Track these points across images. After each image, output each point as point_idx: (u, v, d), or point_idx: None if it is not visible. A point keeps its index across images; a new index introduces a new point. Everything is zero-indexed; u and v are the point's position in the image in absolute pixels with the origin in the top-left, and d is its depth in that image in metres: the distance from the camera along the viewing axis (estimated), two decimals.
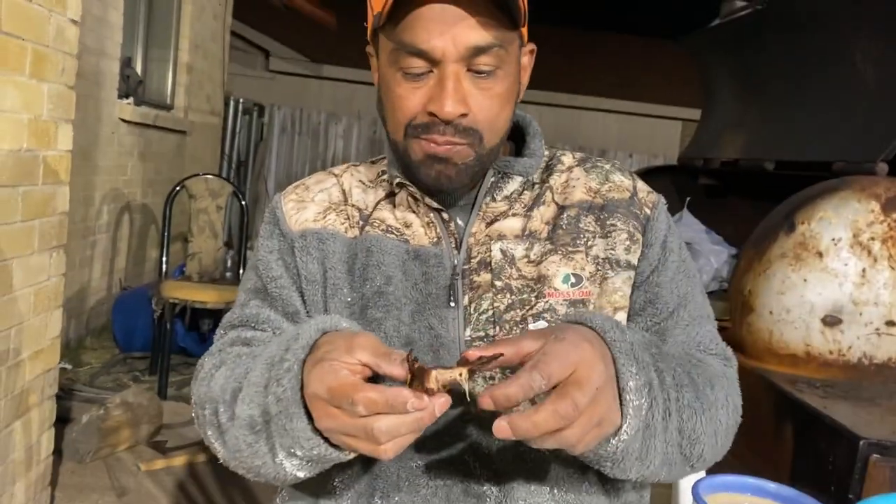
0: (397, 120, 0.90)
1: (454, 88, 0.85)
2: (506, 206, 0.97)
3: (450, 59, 0.84)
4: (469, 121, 0.87)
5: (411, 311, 0.93)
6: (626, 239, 0.96)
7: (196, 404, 0.93)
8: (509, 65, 0.88)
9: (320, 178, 1.05)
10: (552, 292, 0.92)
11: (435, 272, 0.93)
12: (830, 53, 2.54)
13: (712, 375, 0.90)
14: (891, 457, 1.48)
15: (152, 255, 5.44)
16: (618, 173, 1.01)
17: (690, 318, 0.97)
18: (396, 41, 0.86)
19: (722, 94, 3.43)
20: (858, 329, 1.92)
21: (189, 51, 6.01)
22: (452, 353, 0.91)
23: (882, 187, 1.99)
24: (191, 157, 6.25)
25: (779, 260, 1.99)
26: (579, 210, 0.96)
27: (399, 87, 0.88)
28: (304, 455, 0.79)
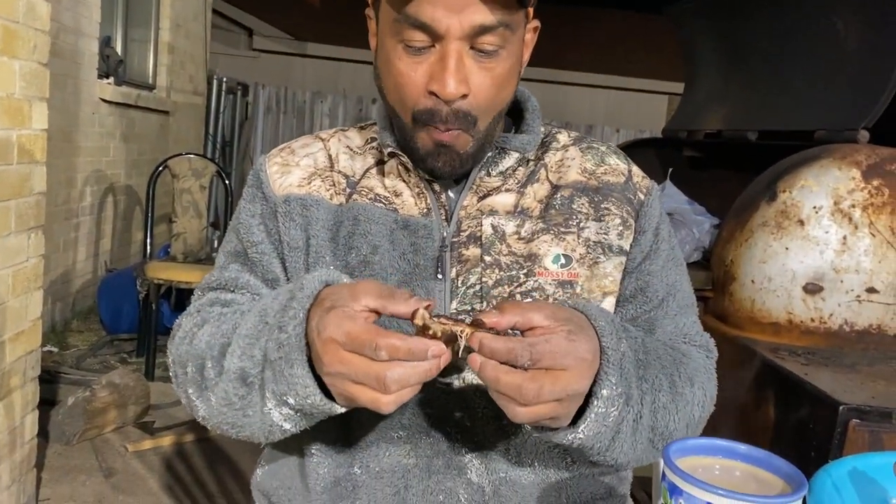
0: (401, 101, 0.87)
1: (456, 68, 0.82)
2: (499, 182, 0.95)
3: (453, 36, 0.81)
4: (468, 103, 0.85)
5: (397, 282, 0.92)
6: (620, 224, 0.95)
7: (175, 363, 0.92)
8: (513, 44, 0.86)
9: (307, 141, 1.03)
10: (542, 271, 0.92)
11: (423, 243, 0.92)
12: (812, 22, 2.53)
13: (693, 371, 0.91)
14: (870, 421, 1.49)
15: (137, 236, 5.41)
16: (613, 156, 1.00)
17: (678, 308, 0.98)
18: (400, 11, 0.82)
19: (705, 65, 3.42)
20: (839, 296, 1.93)
21: (170, 30, 5.94)
22: None
23: (863, 155, 1.99)
24: (174, 138, 6.20)
25: (760, 229, 1.99)
26: (573, 191, 0.95)
27: (400, 62, 0.85)
28: (296, 403, 0.78)
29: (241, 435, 0.87)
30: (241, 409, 0.83)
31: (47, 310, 4.17)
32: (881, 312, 1.93)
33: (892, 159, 1.98)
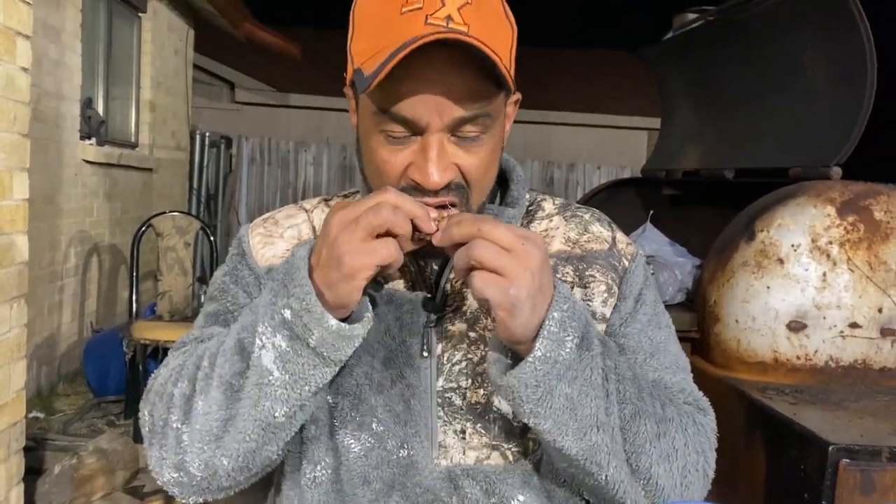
0: (381, 184, 0.86)
1: (439, 157, 0.82)
2: None
3: (434, 129, 0.82)
4: (459, 180, 0.85)
5: (383, 357, 0.91)
6: (605, 291, 0.94)
7: (153, 399, 0.87)
8: (495, 127, 0.87)
9: (290, 212, 1.02)
10: None
11: (409, 318, 0.91)
12: (782, 62, 2.58)
13: (667, 403, 0.88)
14: (860, 461, 1.48)
15: (123, 295, 5.38)
16: (597, 223, 1.00)
17: (661, 367, 0.94)
18: (379, 106, 0.83)
19: (680, 105, 3.48)
20: (823, 333, 1.94)
21: (151, 88, 5.99)
22: (424, 403, 0.90)
23: (837, 191, 2.02)
24: (158, 194, 6.21)
25: (741, 268, 2.01)
26: (557, 260, 0.95)
27: (382, 149, 0.85)
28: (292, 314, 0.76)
29: (224, 444, 0.81)
30: (238, 390, 0.80)
31: (32, 375, 4.12)
32: (865, 347, 1.94)
33: (865, 195, 2.01)
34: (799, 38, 2.46)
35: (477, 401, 0.90)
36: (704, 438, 0.91)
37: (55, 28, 4.27)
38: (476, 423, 0.90)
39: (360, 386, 0.90)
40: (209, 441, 0.81)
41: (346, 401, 0.91)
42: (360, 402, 0.90)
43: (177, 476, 0.84)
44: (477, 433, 0.90)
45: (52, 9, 4.23)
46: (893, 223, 1.97)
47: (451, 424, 0.90)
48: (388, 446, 0.90)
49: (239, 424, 0.80)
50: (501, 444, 0.90)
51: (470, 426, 0.90)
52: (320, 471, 0.91)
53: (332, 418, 0.91)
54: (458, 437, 0.90)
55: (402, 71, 0.78)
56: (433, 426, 0.90)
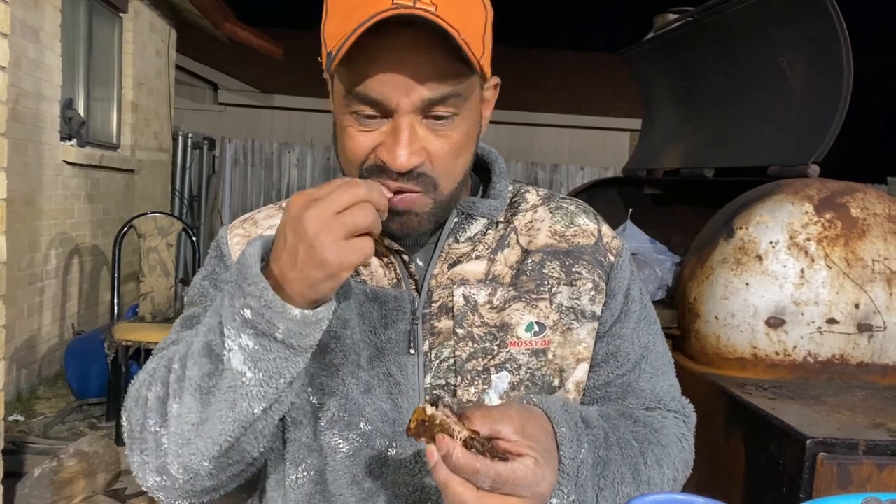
0: (348, 160, 0.86)
1: (408, 140, 0.81)
2: (469, 248, 0.93)
3: (404, 109, 0.80)
4: (424, 168, 0.83)
5: (369, 356, 0.90)
6: (592, 289, 0.94)
7: (134, 402, 0.86)
8: (468, 109, 0.85)
9: (270, 212, 1.00)
10: (515, 341, 0.90)
11: (394, 316, 0.90)
12: (760, 61, 2.61)
13: (663, 450, 0.91)
14: (837, 454, 1.50)
15: (105, 297, 5.34)
16: (583, 216, 0.99)
17: (653, 370, 0.97)
18: (348, 86, 0.82)
19: (660, 105, 3.50)
20: (801, 329, 1.96)
21: (133, 89, 5.95)
22: (412, 401, 0.89)
23: (814, 189, 2.04)
24: (140, 196, 6.17)
25: (720, 266, 2.03)
26: (544, 255, 0.94)
27: (351, 128, 0.84)
28: (252, 314, 0.74)
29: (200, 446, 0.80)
30: (209, 392, 0.78)
31: (12, 378, 4.08)
32: (842, 342, 1.96)
33: (842, 192, 2.04)
34: (777, 38, 2.49)
35: (468, 399, 0.89)
36: (687, 454, 0.96)
37: (34, 28, 4.23)
38: None
39: (346, 385, 0.89)
40: (185, 444, 0.80)
41: (333, 401, 0.90)
42: (347, 401, 0.89)
43: (160, 480, 0.83)
44: None
45: (31, 9, 4.19)
46: (870, 220, 2.00)
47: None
48: (377, 445, 0.89)
49: (215, 426, 0.79)
50: None
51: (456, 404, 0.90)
52: (302, 472, 0.91)
53: (318, 419, 0.90)
54: None
55: (368, 52, 0.77)
56: None
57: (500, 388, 0.90)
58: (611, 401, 0.97)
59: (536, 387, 0.91)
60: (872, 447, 1.51)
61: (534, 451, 0.74)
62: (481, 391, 0.90)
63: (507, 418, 0.75)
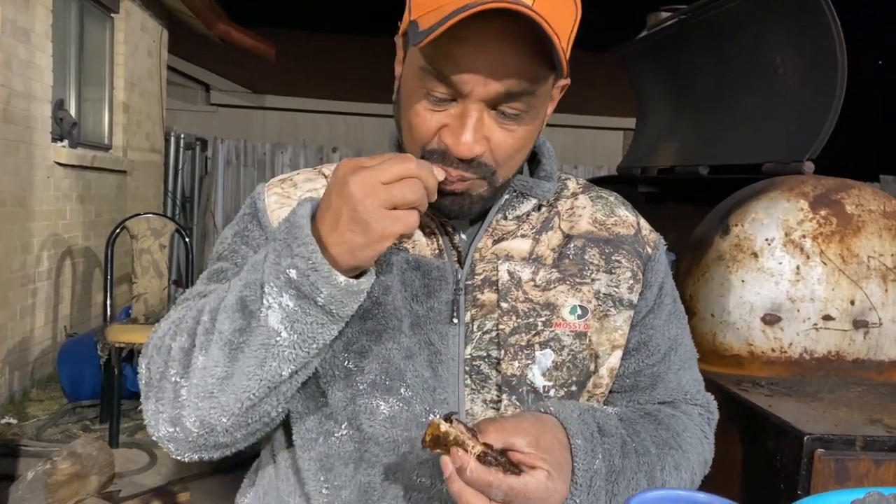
0: (413, 138, 0.85)
1: (475, 128, 0.80)
2: (514, 226, 0.94)
3: (477, 97, 0.80)
4: (485, 158, 0.83)
5: (411, 324, 0.90)
6: (630, 278, 0.95)
7: (150, 353, 0.84)
8: (538, 108, 0.85)
9: (310, 176, 0.99)
10: (560, 322, 0.91)
11: (437, 285, 0.90)
12: (754, 58, 2.61)
13: (683, 454, 0.93)
14: (835, 450, 1.50)
15: (98, 299, 5.31)
16: (622, 207, 1.01)
17: (681, 363, 1.00)
18: (428, 61, 0.80)
19: (654, 103, 3.50)
20: (797, 325, 1.96)
21: (125, 89, 5.92)
22: (451, 370, 0.89)
23: (809, 185, 2.04)
24: (133, 196, 6.14)
25: (716, 263, 2.02)
26: (585, 241, 0.95)
27: (419, 105, 0.83)
28: (298, 274, 0.73)
29: (222, 401, 0.78)
30: (238, 348, 0.77)
31: (4, 380, 4.06)
32: (838, 339, 1.97)
33: (837, 189, 2.04)
34: (770, 35, 2.49)
35: (512, 373, 0.90)
36: (707, 450, 1.00)
37: (24, 29, 4.21)
38: (511, 395, 0.90)
39: (388, 350, 0.89)
40: (207, 397, 0.78)
41: (375, 364, 0.89)
42: (389, 365, 0.89)
43: (172, 431, 0.81)
44: (512, 405, 0.90)
45: (21, 9, 4.17)
46: (865, 216, 2.00)
47: (480, 393, 0.90)
48: (416, 410, 0.89)
49: (240, 383, 0.77)
50: None
51: (506, 398, 0.90)
52: (345, 430, 0.90)
53: (357, 382, 0.89)
54: (489, 406, 0.90)
55: (458, 32, 0.75)
56: (461, 394, 0.90)
57: (543, 365, 0.91)
58: (639, 390, 0.99)
59: (577, 369, 0.93)
60: (870, 443, 1.51)
61: (547, 463, 0.76)
62: (525, 366, 0.90)
63: (521, 431, 0.77)
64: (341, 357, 0.89)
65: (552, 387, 0.91)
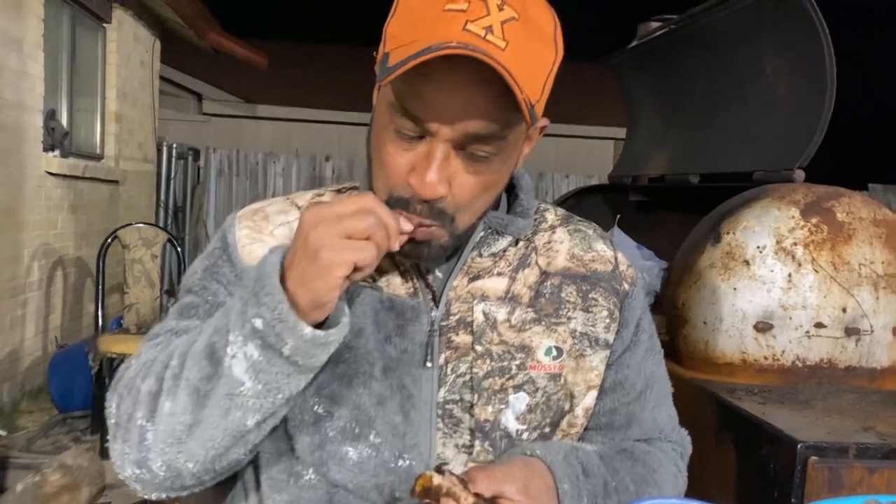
0: (382, 180, 0.84)
1: (439, 168, 0.79)
2: (490, 263, 0.92)
3: (443, 137, 0.78)
4: (445, 203, 0.82)
5: (382, 367, 0.88)
6: (607, 317, 0.94)
7: (121, 391, 0.83)
8: (509, 153, 0.84)
9: (282, 207, 0.96)
10: (535, 364, 0.90)
11: (411, 326, 0.89)
12: (744, 68, 2.63)
13: (659, 490, 0.95)
14: (828, 458, 1.50)
15: (89, 309, 5.28)
16: (600, 241, 0.99)
17: (656, 400, 1.00)
18: (397, 97, 0.79)
19: (645, 112, 3.52)
20: (790, 333, 1.96)
21: (117, 99, 5.92)
22: (423, 414, 0.88)
23: (800, 193, 2.05)
24: (125, 206, 6.12)
25: (708, 270, 2.03)
26: (562, 278, 0.94)
27: (389, 144, 0.82)
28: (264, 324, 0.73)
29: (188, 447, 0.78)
30: (205, 396, 0.76)
31: None
32: (830, 346, 1.97)
33: (827, 197, 2.05)
34: (760, 44, 2.51)
35: (486, 418, 0.89)
36: (683, 484, 1.01)
37: (16, 38, 4.20)
38: (484, 441, 0.89)
39: (359, 396, 0.88)
40: (173, 443, 0.79)
41: (344, 411, 0.88)
42: (359, 412, 0.88)
43: (139, 472, 0.81)
44: (485, 450, 0.89)
45: (13, 19, 4.16)
46: (855, 224, 2.01)
47: (452, 437, 0.89)
48: (385, 456, 0.88)
49: (206, 432, 0.77)
50: None
51: (478, 443, 0.89)
52: (313, 474, 0.89)
53: (326, 428, 0.88)
54: (461, 451, 0.89)
55: (427, 70, 0.75)
56: (432, 438, 0.89)
57: (517, 409, 0.90)
58: (615, 429, 0.99)
59: (551, 410, 0.92)
60: (863, 450, 1.51)
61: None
62: (498, 411, 0.89)
63: (510, 478, 0.78)
64: (311, 402, 0.88)
65: (525, 430, 0.90)
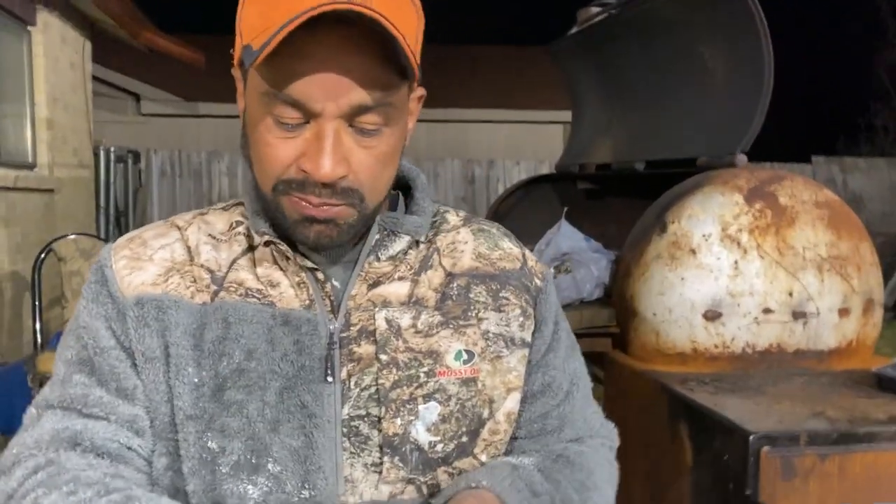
0: (265, 172, 0.79)
1: (333, 148, 0.75)
2: (390, 268, 0.87)
3: (330, 115, 0.75)
4: (349, 181, 0.78)
5: (279, 388, 0.82)
6: (520, 315, 0.90)
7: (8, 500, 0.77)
8: (397, 120, 0.80)
9: (161, 230, 0.90)
10: (444, 370, 0.85)
11: (308, 340, 0.83)
12: (683, 52, 2.62)
13: (599, 492, 0.93)
14: (780, 447, 1.50)
15: (29, 324, 5.09)
16: (506, 240, 0.96)
17: (583, 399, 0.98)
18: (271, 84, 0.75)
19: (589, 99, 3.50)
20: (738, 320, 1.96)
21: (47, 105, 5.68)
22: (327, 434, 0.82)
23: (743, 179, 2.05)
24: (62, 215, 5.91)
25: (655, 261, 2.01)
26: (469, 279, 0.90)
27: (269, 134, 0.77)
28: None
29: None
30: None
31: None
32: (779, 331, 1.98)
33: (770, 181, 2.05)
34: (696, 29, 2.50)
35: (394, 432, 0.83)
36: (616, 476, 0.99)
37: None
38: (394, 456, 0.83)
39: (252, 423, 0.81)
40: None
41: (237, 442, 0.81)
42: (253, 442, 0.81)
43: None
44: (395, 466, 0.83)
45: None
46: (798, 207, 2.01)
47: (360, 457, 0.83)
48: (288, 488, 0.81)
49: None
50: (418, 478, 0.85)
51: (388, 459, 0.83)
52: None
53: (219, 465, 0.81)
54: (370, 470, 0.83)
55: (296, 49, 0.71)
56: (338, 459, 0.82)
57: (428, 420, 0.84)
58: (548, 433, 0.95)
59: (466, 419, 0.86)
60: (813, 437, 1.51)
61: None
62: (408, 423, 0.83)
63: None
64: (204, 438, 0.81)
65: (439, 441, 0.85)
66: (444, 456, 0.85)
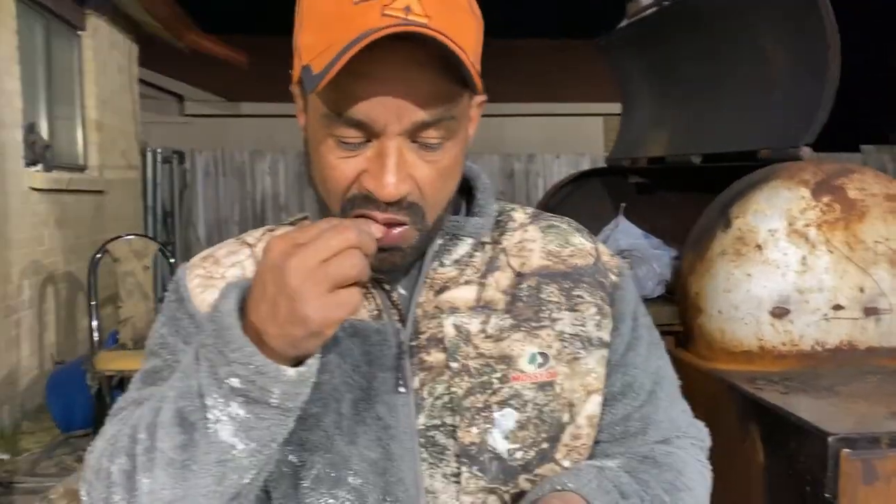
0: (330, 193, 0.79)
1: (397, 166, 0.74)
2: (456, 272, 0.85)
3: (392, 133, 0.73)
4: (413, 198, 0.77)
5: (353, 400, 0.81)
6: (596, 313, 0.87)
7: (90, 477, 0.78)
8: (459, 132, 0.79)
9: (232, 248, 0.91)
10: (518, 375, 0.83)
11: (378, 351, 0.82)
12: (740, 43, 2.56)
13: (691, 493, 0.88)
14: (861, 449, 1.45)
15: (84, 324, 5.20)
16: (577, 234, 0.92)
17: (668, 398, 0.93)
18: (331, 108, 0.74)
19: (639, 93, 3.45)
20: (807, 317, 1.91)
21: (96, 108, 5.81)
22: (405, 445, 0.81)
23: (809, 172, 2.00)
24: (112, 216, 6.03)
25: (720, 258, 1.97)
26: (540, 279, 0.87)
27: (331, 155, 0.76)
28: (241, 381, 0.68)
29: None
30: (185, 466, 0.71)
31: None
32: (849, 328, 1.92)
33: (837, 174, 1.99)
34: (758, 19, 2.44)
35: (471, 441, 0.81)
36: (709, 478, 0.94)
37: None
38: (472, 466, 0.81)
39: (330, 437, 0.81)
40: None
41: (317, 456, 0.81)
42: (332, 454, 0.81)
43: None
44: (474, 476, 0.82)
45: None
46: (868, 201, 1.96)
47: (439, 467, 0.82)
48: (370, 501, 0.81)
49: (198, 501, 0.72)
50: (499, 488, 0.83)
51: (466, 469, 0.81)
52: None
53: (300, 479, 0.81)
54: (450, 480, 0.82)
55: (356, 69, 0.70)
56: (417, 470, 0.81)
57: (505, 428, 0.82)
58: (631, 436, 0.91)
59: (546, 424, 0.84)
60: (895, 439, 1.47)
61: None
62: (484, 431, 0.82)
63: None
64: (284, 452, 0.80)
65: (518, 449, 0.83)
66: (525, 464, 0.83)
